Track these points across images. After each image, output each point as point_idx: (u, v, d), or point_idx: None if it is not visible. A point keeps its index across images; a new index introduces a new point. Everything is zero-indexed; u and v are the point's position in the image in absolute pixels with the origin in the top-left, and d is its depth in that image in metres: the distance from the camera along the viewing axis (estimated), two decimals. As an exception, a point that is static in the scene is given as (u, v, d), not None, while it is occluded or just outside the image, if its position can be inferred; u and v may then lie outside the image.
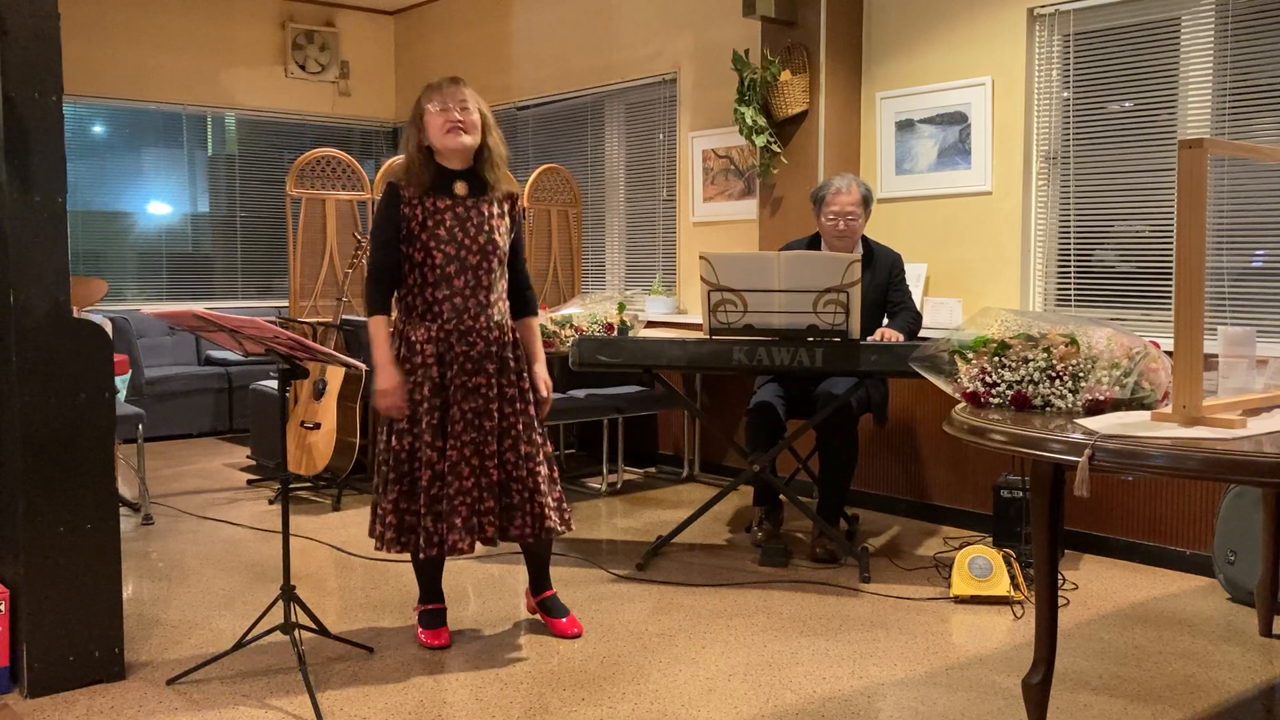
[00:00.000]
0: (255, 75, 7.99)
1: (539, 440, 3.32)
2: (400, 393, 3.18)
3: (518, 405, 3.27)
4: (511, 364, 3.28)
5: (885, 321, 4.41)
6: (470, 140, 3.20)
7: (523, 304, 3.41)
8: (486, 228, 3.23)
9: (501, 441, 3.25)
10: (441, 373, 3.21)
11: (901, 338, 4.09)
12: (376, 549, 3.27)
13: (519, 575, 4.11)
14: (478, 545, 3.23)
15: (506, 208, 3.31)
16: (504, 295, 3.32)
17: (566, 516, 3.37)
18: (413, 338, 3.22)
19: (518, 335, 3.34)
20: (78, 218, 7.23)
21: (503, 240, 3.27)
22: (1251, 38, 4.12)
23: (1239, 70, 4.15)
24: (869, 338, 4.09)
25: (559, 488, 3.39)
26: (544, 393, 3.36)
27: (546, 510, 3.28)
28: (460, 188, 3.24)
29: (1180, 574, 4.13)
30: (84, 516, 3.01)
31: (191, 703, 2.94)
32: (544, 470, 3.31)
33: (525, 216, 3.44)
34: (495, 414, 3.23)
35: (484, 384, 3.23)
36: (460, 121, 3.18)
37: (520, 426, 3.26)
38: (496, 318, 3.26)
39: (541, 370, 3.39)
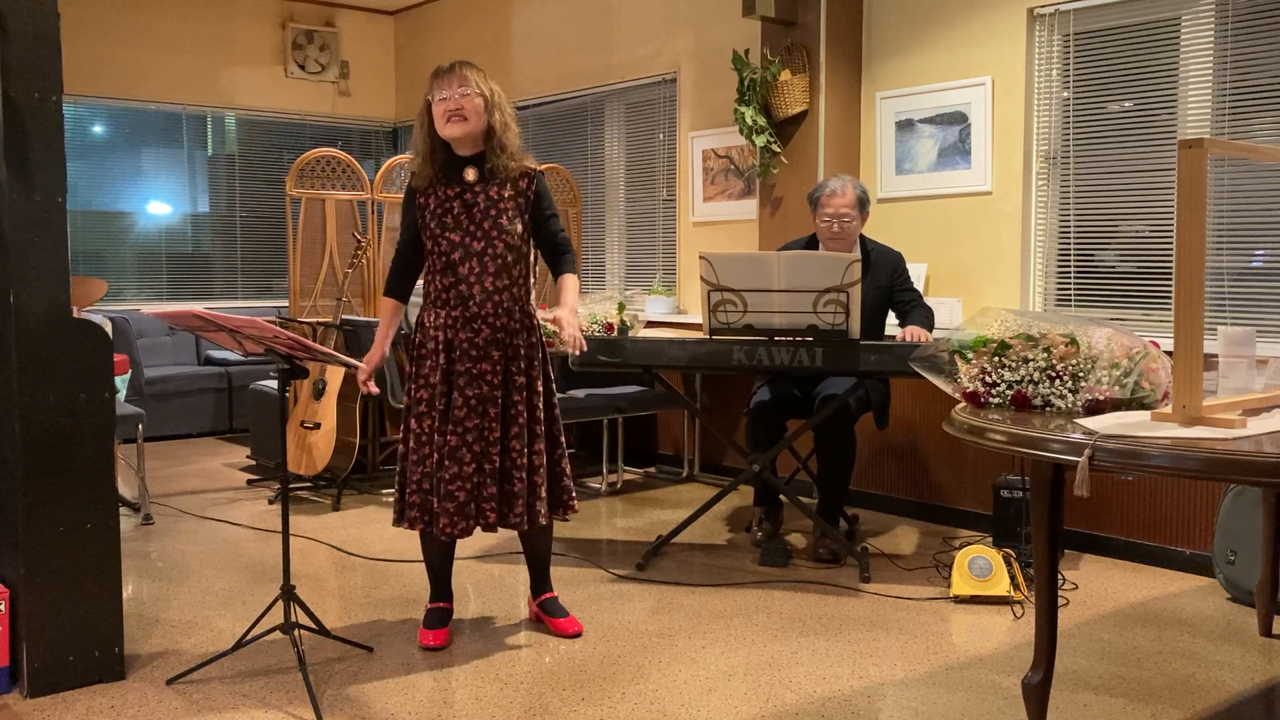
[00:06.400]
0: (255, 75, 7.99)
1: (548, 429, 3.33)
2: (366, 370, 3.26)
3: (525, 394, 3.27)
4: (522, 351, 3.27)
5: (897, 321, 4.41)
6: (470, 126, 3.19)
7: (558, 265, 3.35)
8: (493, 212, 3.22)
9: (507, 428, 3.25)
10: (449, 359, 3.23)
11: (931, 336, 4.10)
12: (396, 524, 3.31)
13: (519, 575, 4.11)
14: (479, 536, 3.24)
15: (523, 186, 3.28)
16: (520, 281, 3.29)
17: (565, 508, 3.36)
18: (427, 323, 3.28)
19: (534, 321, 3.32)
20: (78, 218, 7.23)
21: (511, 224, 3.24)
22: (1251, 38, 4.12)
23: (1239, 70, 4.15)
24: (898, 336, 4.10)
25: (566, 479, 3.38)
26: (565, 333, 3.19)
27: (545, 500, 3.29)
28: (470, 174, 3.25)
29: (1180, 574, 4.13)
30: (84, 516, 3.00)
31: (191, 703, 2.94)
32: (549, 459, 3.32)
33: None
34: (500, 400, 3.24)
35: (489, 370, 3.23)
36: (458, 108, 3.16)
37: (526, 415, 3.27)
38: (506, 304, 3.25)
39: (563, 312, 3.20)
